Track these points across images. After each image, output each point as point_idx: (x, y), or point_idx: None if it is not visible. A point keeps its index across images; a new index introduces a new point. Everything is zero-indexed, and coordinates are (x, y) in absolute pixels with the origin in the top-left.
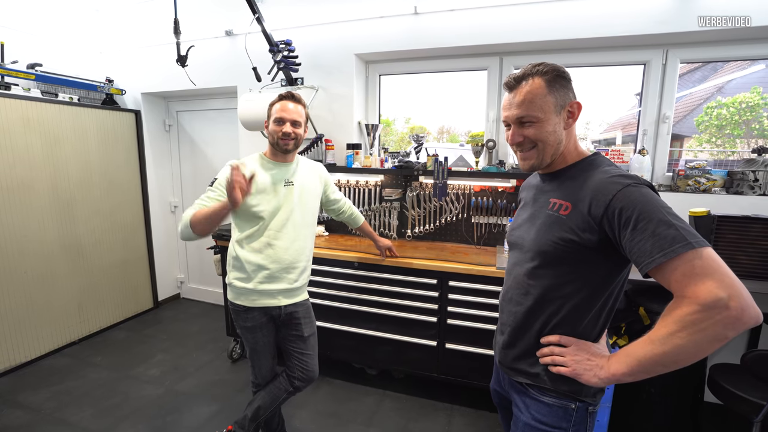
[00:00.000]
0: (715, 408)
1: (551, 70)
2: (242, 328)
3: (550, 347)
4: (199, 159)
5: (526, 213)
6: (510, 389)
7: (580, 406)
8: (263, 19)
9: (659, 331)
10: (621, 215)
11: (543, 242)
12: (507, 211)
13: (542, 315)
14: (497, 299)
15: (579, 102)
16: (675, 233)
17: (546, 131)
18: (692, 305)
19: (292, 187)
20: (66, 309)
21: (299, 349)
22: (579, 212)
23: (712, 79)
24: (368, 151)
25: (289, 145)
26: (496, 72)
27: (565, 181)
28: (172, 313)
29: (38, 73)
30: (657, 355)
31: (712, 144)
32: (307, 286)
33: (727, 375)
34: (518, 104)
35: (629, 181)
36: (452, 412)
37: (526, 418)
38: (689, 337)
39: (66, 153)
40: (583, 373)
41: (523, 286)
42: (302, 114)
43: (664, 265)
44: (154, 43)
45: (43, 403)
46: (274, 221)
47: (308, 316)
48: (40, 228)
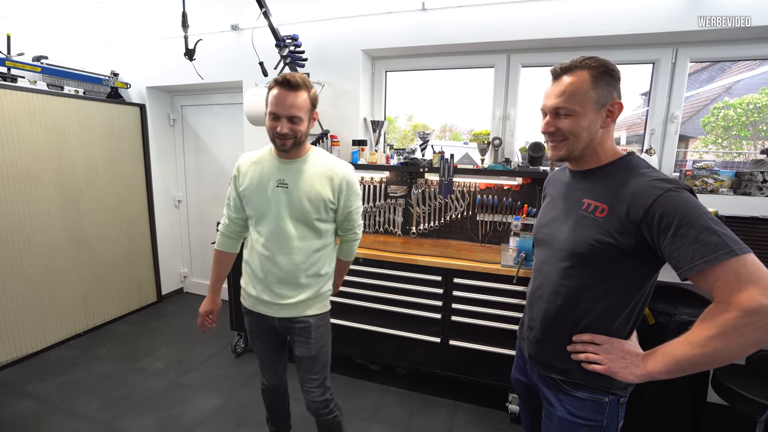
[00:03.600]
0: (719, 409)
1: (600, 65)
2: (245, 328)
3: (583, 344)
4: (204, 154)
5: (556, 210)
6: (539, 382)
7: (612, 399)
8: (270, 14)
9: (699, 334)
10: (662, 220)
11: (578, 243)
12: (512, 210)
13: (574, 314)
14: (502, 297)
15: (621, 102)
16: (718, 240)
17: (580, 126)
18: (735, 311)
19: (285, 190)
20: (71, 301)
21: (299, 369)
22: (616, 215)
23: (720, 80)
24: (373, 147)
25: (287, 145)
26: (503, 69)
27: (600, 181)
28: (175, 307)
29: (44, 65)
30: (696, 356)
31: (717, 145)
32: (319, 303)
33: (731, 375)
34: (557, 95)
35: (670, 185)
36: (455, 408)
37: (561, 413)
38: (729, 341)
39: (71, 145)
40: (618, 371)
41: (554, 285)
42: (303, 104)
43: (706, 271)
44: (159, 36)
45: (50, 393)
46: (261, 227)
47: (305, 336)
48: (46, 220)
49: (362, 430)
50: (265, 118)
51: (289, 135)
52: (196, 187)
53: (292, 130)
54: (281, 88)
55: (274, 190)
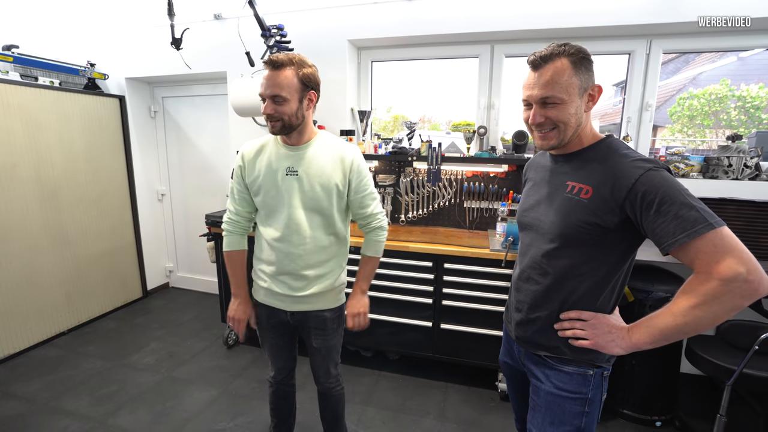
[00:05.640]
0: (691, 378)
1: (577, 51)
2: (256, 321)
3: (570, 321)
4: (186, 146)
5: (539, 194)
6: (527, 361)
7: (597, 372)
8: (255, 3)
9: (681, 305)
10: (644, 198)
11: (564, 225)
12: (498, 196)
13: (562, 293)
14: (491, 280)
15: (600, 85)
16: (696, 215)
17: (568, 113)
18: (715, 280)
19: (296, 178)
20: (54, 299)
21: (315, 355)
22: (600, 195)
23: (685, 71)
24: (361, 137)
25: (276, 128)
26: (487, 59)
27: (582, 164)
28: (162, 302)
29: (16, 55)
30: (679, 325)
31: (683, 134)
32: (333, 297)
33: (702, 344)
34: (543, 84)
35: (650, 165)
36: (447, 389)
37: (548, 387)
38: (710, 309)
39: (48, 139)
40: (605, 345)
41: (541, 267)
42: (287, 83)
43: (687, 244)
44: (138, 25)
45: (37, 392)
46: (273, 218)
47: (321, 329)
48: (24, 216)
49: (358, 413)
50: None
51: (274, 116)
52: (179, 180)
53: (277, 111)
54: (267, 68)
55: (285, 179)
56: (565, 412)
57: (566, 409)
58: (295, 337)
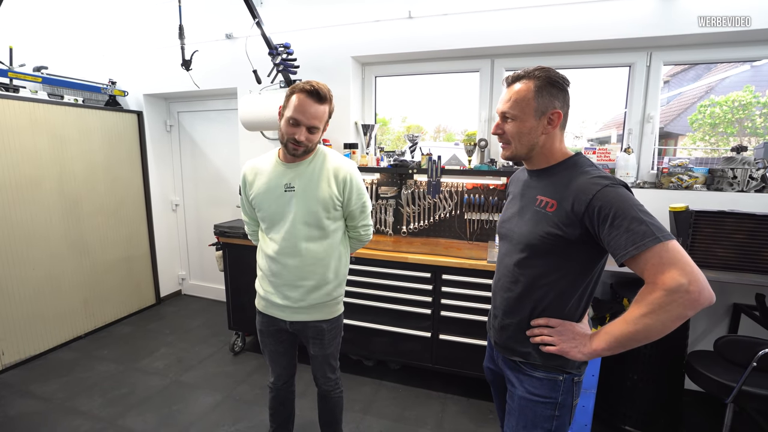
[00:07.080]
0: (697, 395)
1: (544, 77)
2: (257, 328)
3: (539, 328)
4: (200, 158)
5: (515, 207)
6: (504, 366)
7: (566, 378)
8: (263, 24)
9: (632, 313)
10: (600, 212)
11: (531, 236)
12: (498, 208)
13: (531, 300)
14: (489, 292)
15: (560, 111)
16: (645, 229)
17: (520, 131)
18: (659, 290)
19: (293, 194)
20: (72, 304)
21: (314, 361)
22: (563, 209)
23: (706, 78)
24: (364, 150)
25: (298, 151)
26: (487, 74)
27: (550, 179)
28: (174, 308)
29: (45, 75)
30: (630, 333)
31: (705, 142)
32: (330, 308)
33: (702, 361)
34: (505, 101)
35: (607, 182)
36: (446, 400)
37: (521, 392)
38: (657, 317)
39: (72, 152)
40: (569, 350)
41: (513, 275)
42: (324, 116)
43: (637, 257)
44: (156, 45)
45: (54, 393)
46: (273, 231)
47: (319, 338)
48: (47, 225)
49: (356, 421)
50: (281, 121)
51: (303, 143)
52: (193, 191)
53: (308, 140)
54: (309, 97)
55: (283, 195)
56: (536, 415)
57: (537, 413)
58: (294, 344)
